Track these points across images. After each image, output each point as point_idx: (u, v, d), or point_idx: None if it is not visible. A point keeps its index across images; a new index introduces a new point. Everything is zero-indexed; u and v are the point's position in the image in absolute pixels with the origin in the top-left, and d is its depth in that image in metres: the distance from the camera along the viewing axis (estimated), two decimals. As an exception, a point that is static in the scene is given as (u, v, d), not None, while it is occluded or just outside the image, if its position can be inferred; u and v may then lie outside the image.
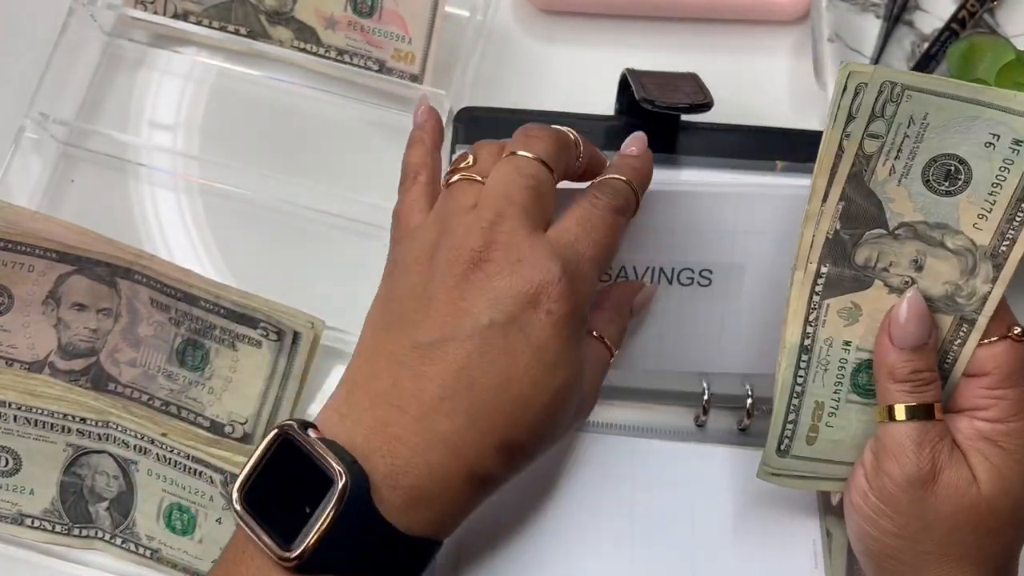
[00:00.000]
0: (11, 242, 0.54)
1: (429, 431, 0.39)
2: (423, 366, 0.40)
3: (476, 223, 0.41)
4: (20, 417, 0.52)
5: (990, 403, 0.44)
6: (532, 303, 0.40)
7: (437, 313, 0.40)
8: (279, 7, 0.60)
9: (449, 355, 0.40)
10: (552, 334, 0.40)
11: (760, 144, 0.58)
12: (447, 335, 0.40)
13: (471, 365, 0.40)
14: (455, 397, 0.40)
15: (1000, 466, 0.43)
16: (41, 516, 0.53)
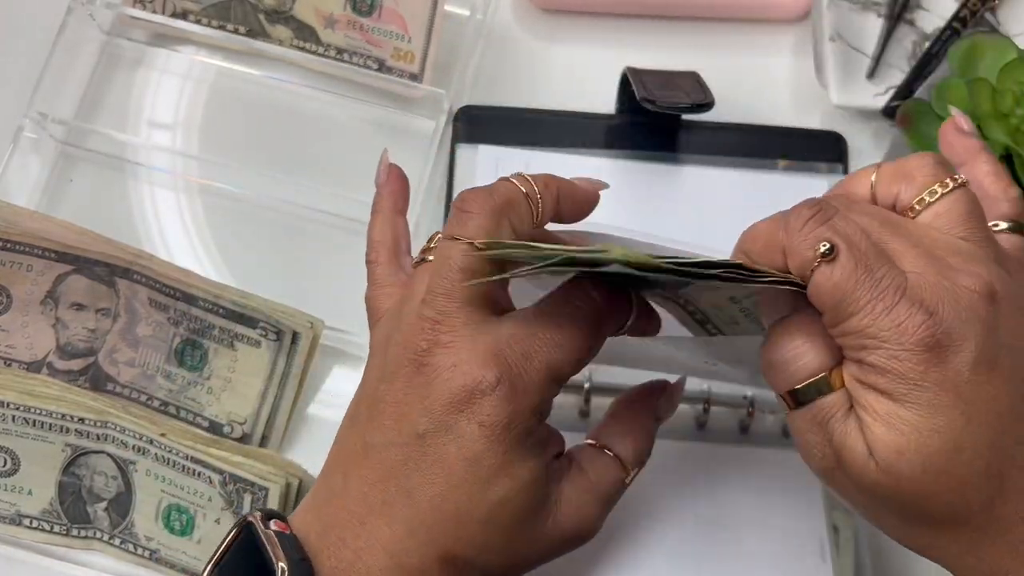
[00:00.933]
0: (10, 242, 0.54)
1: (371, 536, 0.38)
2: (366, 468, 0.39)
3: (418, 321, 0.38)
4: (19, 417, 0.52)
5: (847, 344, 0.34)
6: (464, 411, 0.37)
7: (381, 414, 0.39)
8: (278, 6, 0.59)
9: (388, 460, 0.38)
10: (486, 447, 0.37)
11: (761, 143, 0.58)
12: (388, 439, 0.38)
13: (408, 473, 0.38)
14: (395, 504, 0.38)
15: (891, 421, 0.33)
16: (39, 516, 0.53)
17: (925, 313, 0.33)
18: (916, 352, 0.33)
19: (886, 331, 0.33)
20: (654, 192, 0.56)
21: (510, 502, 0.38)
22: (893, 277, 0.33)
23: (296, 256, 0.59)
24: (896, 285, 0.33)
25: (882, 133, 0.60)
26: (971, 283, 0.34)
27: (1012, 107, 0.49)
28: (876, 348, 0.33)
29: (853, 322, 0.33)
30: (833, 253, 0.34)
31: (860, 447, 0.34)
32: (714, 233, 0.56)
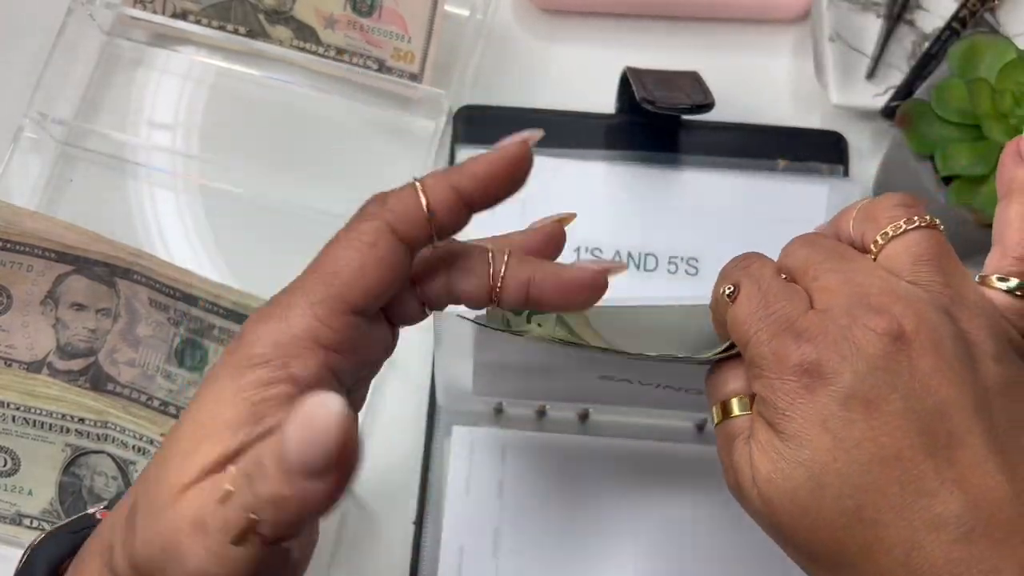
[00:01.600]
0: (10, 242, 0.54)
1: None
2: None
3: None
4: (19, 417, 0.52)
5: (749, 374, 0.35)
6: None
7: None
8: (278, 6, 0.59)
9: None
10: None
11: (762, 142, 0.58)
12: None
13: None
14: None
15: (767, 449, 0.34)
16: (40, 516, 0.53)
17: (801, 341, 0.33)
18: (788, 380, 0.33)
19: (766, 358, 0.34)
20: (654, 191, 0.57)
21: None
22: (787, 313, 0.34)
23: (296, 256, 0.58)
24: (786, 320, 0.34)
25: (882, 133, 0.60)
26: (876, 323, 0.33)
27: (1011, 107, 0.49)
28: (759, 376, 0.34)
29: (746, 352, 0.35)
30: (735, 292, 0.35)
31: (748, 472, 0.35)
32: (714, 232, 0.56)
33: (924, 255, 0.35)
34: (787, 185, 0.56)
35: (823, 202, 0.56)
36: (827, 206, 0.56)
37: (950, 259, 0.35)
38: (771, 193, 0.56)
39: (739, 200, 0.56)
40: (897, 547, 0.32)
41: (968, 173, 0.49)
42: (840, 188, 0.56)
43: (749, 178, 0.57)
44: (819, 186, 0.56)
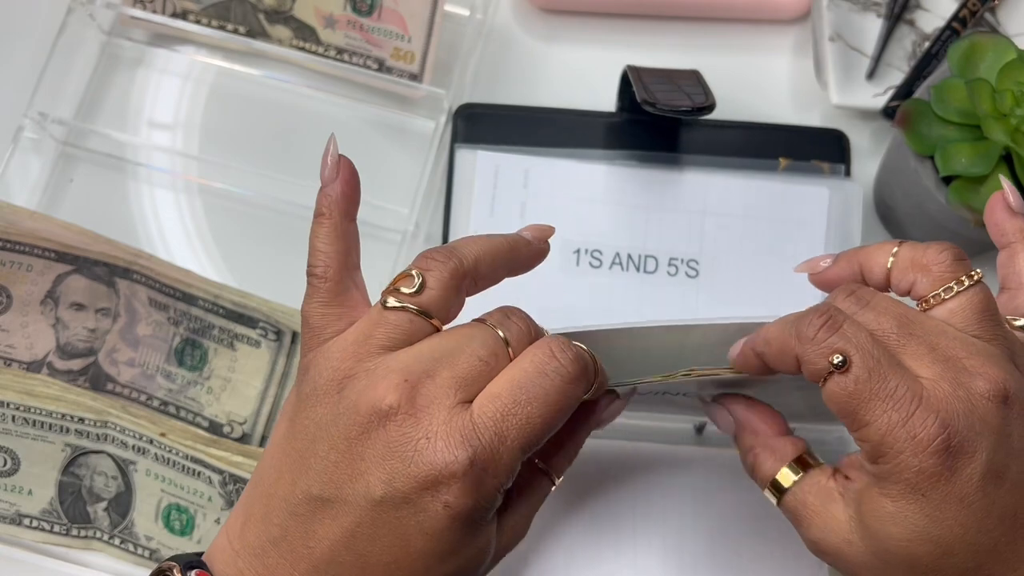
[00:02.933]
0: (9, 241, 0.54)
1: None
2: (313, 523, 0.36)
3: (400, 375, 0.35)
4: (19, 417, 0.52)
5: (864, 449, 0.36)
6: (430, 490, 0.35)
7: (333, 466, 0.35)
8: (278, 6, 0.59)
9: (340, 518, 0.35)
10: (448, 526, 0.35)
11: (763, 140, 0.58)
12: (339, 495, 0.35)
13: (361, 536, 0.35)
14: (343, 565, 0.35)
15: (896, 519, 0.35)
16: (39, 516, 0.53)
17: (940, 426, 0.34)
18: (928, 464, 0.34)
19: (901, 442, 0.34)
20: (654, 192, 0.56)
21: (467, 568, 0.37)
22: (908, 387, 0.34)
23: (296, 256, 0.59)
24: (911, 395, 0.34)
25: (881, 133, 0.60)
26: (985, 389, 0.34)
27: (1012, 107, 0.49)
28: (892, 457, 0.34)
29: (869, 431, 0.35)
30: (846, 365, 0.35)
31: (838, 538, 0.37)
32: (715, 234, 0.56)
33: (987, 310, 0.36)
34: (788, 187, 0.56)
35: (824, 204, 0.56)
36: (828, 208, 0.56)
37: (997, 311, 0.37)
38: (772, 194, 0.56)
39: (740, 201, 0.56)
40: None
41: (968, 173, 0.49)
42: (841, 189, 0.56)
43: (750, 179, 0.57)
44: (820, 188, 0.56)
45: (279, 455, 0.37)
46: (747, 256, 0.55)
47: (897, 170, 0.55)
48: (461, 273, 0.38)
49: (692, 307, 0.55)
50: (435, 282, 0.37)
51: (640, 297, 0.55)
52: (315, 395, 0.37)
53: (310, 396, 0.37)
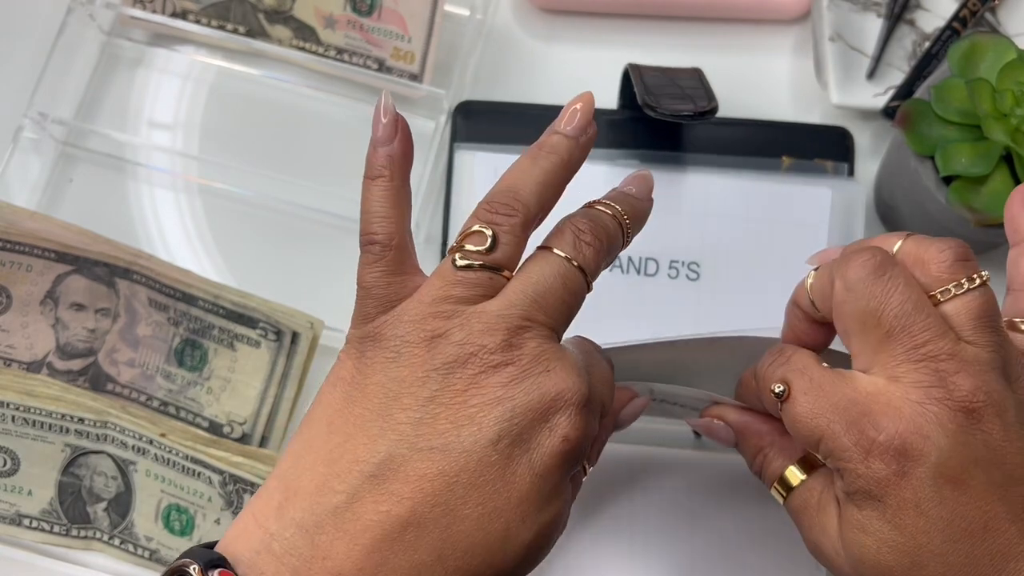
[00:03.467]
0: (9, 242, 0.54)
1: (381, 568, 0.32)
2: (395, 482, 0.33)
3: (500, 322, 0.34)
4: (18, 417, 0.51)
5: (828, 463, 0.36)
6: (548, 423, 0.34)
7: (436, 416, 0.33)
8: (278, 6, 0.59)
9: (433, 470, 0.33)
10: (558, 464, 0.34)
11: (766, 139, 0.58)
12: (441, 444, 0.33)
13: (459, 485, 0.33)
14: (424, 525, 0.33)
15: (863, 528, 0.35)
16: (39, 516, 0.53)
17: (877, 430, 0.34)
18: (877, 468, 0.34)
19: (849, 450, 0.34)
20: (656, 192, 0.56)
21: (552, 524, 0.35)
22: (851, 398, 0.35)
23: (296, 256, 0.59)
24: (853, 405, 0.35)
25: (882, 133, 0.60)
26: (948, 395, 0.34)
27: (1012, 107, 0.49)
28: (844, 466, 0.35)
29: (821, 447, 0.35)
30: (786, 392, 0.36)
31: (832, 545, 0.37)
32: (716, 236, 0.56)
33: (984, 316, 0.35)
34: (791, 187, 0.56)
35: (826, 205, 0.56)
36: (830, 209, 0.56)
37: (999, 315, 0.36)
38: (774, 195, 0.56)
39: (742, 203, 0.56)
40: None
41: (968, 173, 0.49)
42: (844, 189, 0.56)
43: (752, 179, 0.56)
44: (822, 188, 0.56)
45: (340, 421, 0.34)
46: (749, 258, 0.55)
47: (897, 170, 0.55)
48: (529, 222, 0.37)
49: (693, 310, 0.54)
50: (507, 237, 0.37)
51: (641, 300, 0.55)
52: (397, 357, 0.35)
53: (389, 360, 0.35)
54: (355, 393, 0.35)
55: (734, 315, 0.54)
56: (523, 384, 0.34)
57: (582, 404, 0.34)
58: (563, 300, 0.36)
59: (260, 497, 0.34)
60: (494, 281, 0.36)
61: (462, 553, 0.33)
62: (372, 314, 0.36)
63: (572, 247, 0.37)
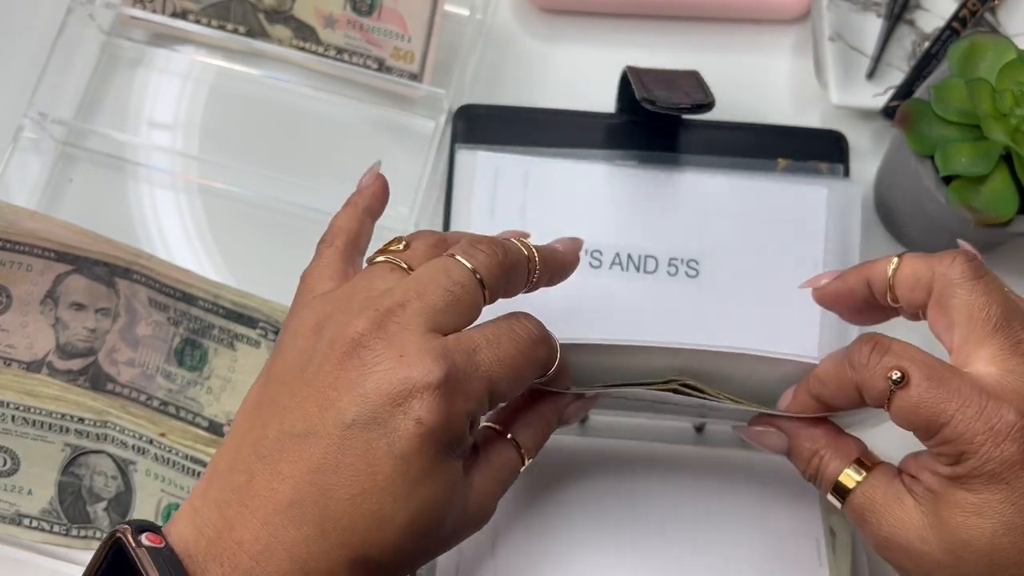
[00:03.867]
0: (9, 241, 0.54)
1: (274, 538, 0.35)
2: (280, 462, 0.36)
3: (371, 305, 0.37)
4: (18, 417, 0.52)
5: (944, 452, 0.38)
6: (402, 405, 0.35)
7: (306, 401, 0.36)
8: (278, 6, 0.59)
9: (308, 449, 0.36)
10: (418, 447, 0.36)
11: (762, 142, 0.58)
12: (309, 428, 0.36)
13: (327, 467, 0.35)
14: (306, 503, 0.35)
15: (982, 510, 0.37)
16: (39, 516, 0.53)
17: (1016, 414, 0.36)
18: (1010, 451, 0.36)
19: (981, 434, 0.36)
20: (654, 192, 0.56)
21: (433, 505, 0.37)
22: (971, 384, 0.37)
23: (296, 256, 0.58)
24: (977, 391, 0.36)
25: (882, 133, 0.60)
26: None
27: (1011, 107, 0.49)
28: (973, 451, 0.36)
29: (946, 432, 0.36)
30: (905, 379, 0.37)
31: (915, 532, 0.38)
32: (715, 234, 0.56)
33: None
34: (787, 186, 0.56)
35: (823, 204, 0.56)
36: (827, 207, 0.56)
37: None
38: (771, 194, 0.56)
39: (739, 201, 0.56)
40: None
41: (968, 173, 0.49)
42: (840, 189, 0.56)
43: (749, 179, 0.57)
44: (819, 187, 0.56)
45: (251, 408, 0.38)
46: (747, 256, 0.55)
47: (897, 170, 0.55)
48: (444, 243, 0.41)
49: (692, 307, 0.55)
50: (421, 244, 0.41)
51: (640, 297, 0.55)
52: (293, 341, 0.38)
53: (287, 345, 0.38)
54: (265, 381, 0.39)
55: (733, 311, 0.54)
56: (379, 367, 0.36)
57: (435, 387, 0.36)
58: (446, 289, 0.38)
59: (200, 481, 0.38)
60: (395, 274, 0.39)
61: (342, 529, 0.35)
62: (299, 303, 0.41)
63: (463, 250, 0.40)
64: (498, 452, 0.42)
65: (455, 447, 0.37)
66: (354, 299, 0.38)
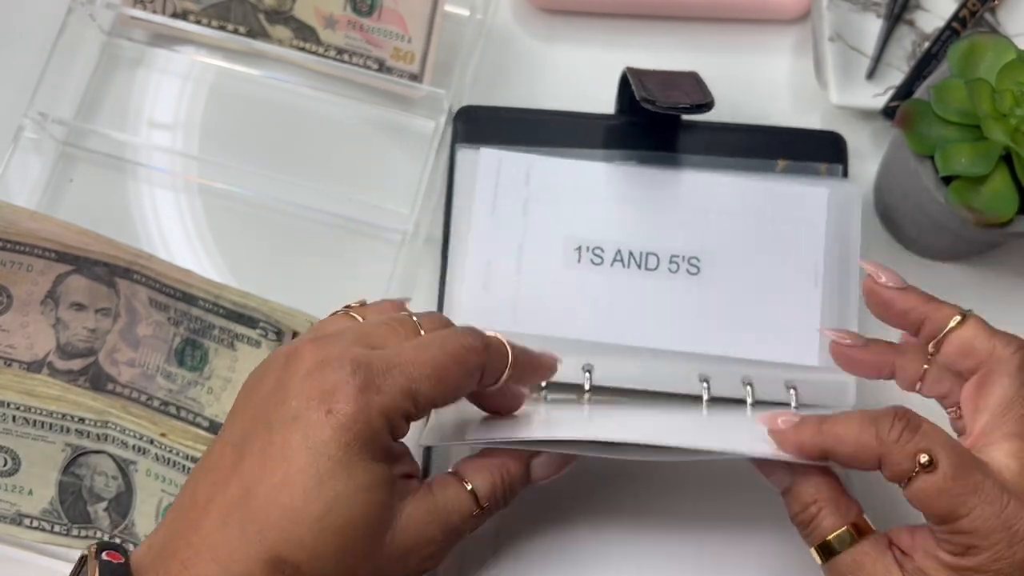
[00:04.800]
0: (10, 242, 0.54)
1: (203, 543, 0.37)
2: (218, 471, 0.39)
3: (312, 334, 0.41)
4: (19, 417, 0.52)
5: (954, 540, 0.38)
6: (319, 402, 0.38)
7: (246, 412, 0.40)
8: (278, 6, 0.60)
9: (241, 456, 0.38)
10: (330, 438, 0.37)
11: (761, 143, 0.58)
12: (243, 436, 0.39)
13: (252, 467, 0.38)
14: (232, 502, 0.38)
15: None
16: (40, 516, 0.53)
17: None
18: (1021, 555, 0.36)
19: (997, 532, 0.36)
20: (654, 191, 0.57)
21: (346, 503, 0.37)
22: (993, 480, 0.37)
23: (296, 256, 0.59)
24: (999, 489, 0.37)
25: (881, 133, 0.60)
26: None
27: (1011, 107, 0.49)
28: (986, 548, 0.37)
29: (963, 524, 0.37)
30: (932, 464, 0.37)
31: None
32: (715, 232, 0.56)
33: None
34: (787, 187, 0.56)
35: (823, 204, 0.56)
36: (827, 208, 0.56)
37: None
38: (771, 194, 0.56)
39: (740, 200, 0.56)
40: None
41: (968, 173, 0.49)
42: (840, 190, 0.56)
43: (749, 179, 0.57)
44: (819, 188, 0.56)
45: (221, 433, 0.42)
46: (748, 254, 0.55)
47: (897, 170, 0.55)
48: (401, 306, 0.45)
49: (693, 304, 0.55)
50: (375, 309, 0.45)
51: (641, 293, 0.55)
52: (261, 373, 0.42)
53: (258, 375, 0.42)
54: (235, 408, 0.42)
55: (733, 309, 0.54)
56: (300, 373, 0.39)
57: (347, 380, 0.38)
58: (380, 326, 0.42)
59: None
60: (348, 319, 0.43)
61: (259, 525, 0.37)
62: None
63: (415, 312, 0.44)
64: (444, 489, 0.42)
65: (370, 444, 0.38)
66: (305, 334, 0.42)
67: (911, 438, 0.38)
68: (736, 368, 0.53)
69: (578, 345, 0.52)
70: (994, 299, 0.58)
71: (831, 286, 0.55)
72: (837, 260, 0.55)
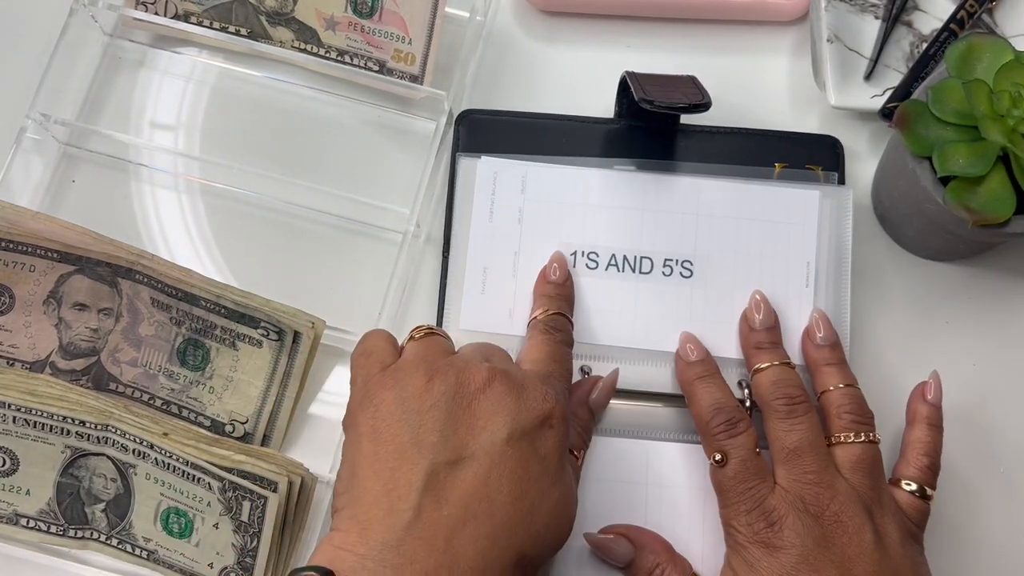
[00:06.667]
0: (12, 242, 0.55)
1: (454, 559, 0.39)
2: (443, 490, 0.41)
3: (477, 360, 0.45)
4: (19, 418, 0.52)
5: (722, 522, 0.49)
6: (542, 420, 0.43)
7: (452, 433, 0.42)
8: (279, 8, 0.60)
9: (469, 475, 0.41)
10: (555, 448, 0.43)
11: (757, 147, 0.58)
12: (467, 452, 0.42)
13: (493, 477, 0.41)
14: (477, 517, 0.40)
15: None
16: (36, 517, 0.53)
17: (767, 524, 0.46)
18: (757, 547, 0.46)
19: (743, 528, 0.47)
20: (651, 196, 0.57)
21: (567, 496, 0.44)
22: (759, 490, 0.47)
23: (297, 256, 0.59)
24: (758, 497, 0.47)
25: (879, 134, 0.61)
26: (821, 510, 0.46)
27: (1009, 108, 0.49)
28: (735, 535, 0.48)
29: (724, 512, 0.49)
30: (724, 462, 0.48)
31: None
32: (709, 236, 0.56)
33: (862, 464, 0.48)
34: (780, 190, 0.56)
35: (815, 207, 0.56)
36: (819, 211, 0.56)
37: (880, 469, 0.49)
38: (764, 197, 0.56)
39: (733, 204, 0.56)
40: None
41: (965, 173, 0.49)
42: (832, 193, 0.57)
43: (744, 184, 0.57)
44: (811, 191, 0.56)
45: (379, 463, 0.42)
46: (740, 257, 0.56)
47: (895, 171, 0.55)
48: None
49: (687, 306, 0.55)
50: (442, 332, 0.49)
51: (636, 297, 0.55)
52: (404, 400, 0.43)
53: (398, 403, 0.43)
54: (381, 436, 0.43)
55: (726, 311, 0.55)
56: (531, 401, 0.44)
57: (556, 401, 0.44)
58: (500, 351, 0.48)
59: (338, 533, 0.41)
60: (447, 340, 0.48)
61: (508, 532, 0.41)
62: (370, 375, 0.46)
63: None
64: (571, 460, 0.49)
65: (567, 453, 0.45)
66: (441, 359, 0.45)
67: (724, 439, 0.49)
68: (731, 369, 0.54)
69: (575, 348, 0.53)
70: (991, 299, 0.58)
71: (823, 287, 0.55)
72: (829, 262, 0.56)
